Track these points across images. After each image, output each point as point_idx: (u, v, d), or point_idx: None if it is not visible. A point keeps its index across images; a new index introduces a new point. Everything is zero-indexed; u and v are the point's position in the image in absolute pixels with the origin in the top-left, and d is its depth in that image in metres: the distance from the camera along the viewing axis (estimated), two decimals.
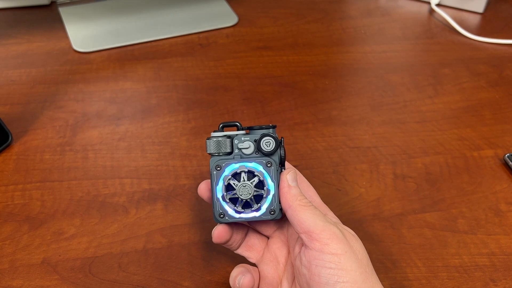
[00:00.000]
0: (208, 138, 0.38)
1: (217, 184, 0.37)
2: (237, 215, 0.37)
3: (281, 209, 0.37)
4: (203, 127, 0.56)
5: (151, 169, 0.51)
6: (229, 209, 0.37)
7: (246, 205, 0.37)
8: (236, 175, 0.37)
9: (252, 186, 0.37)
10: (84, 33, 0.70)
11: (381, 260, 0.43)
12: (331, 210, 0.41)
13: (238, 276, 0.38)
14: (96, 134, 0.55)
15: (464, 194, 0.49)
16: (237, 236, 0.39)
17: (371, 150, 0.53)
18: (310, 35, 0.72)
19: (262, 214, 0.37)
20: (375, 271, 0.35)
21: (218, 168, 0.37)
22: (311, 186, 0.42)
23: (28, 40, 0.69)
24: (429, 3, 0.78)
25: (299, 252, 0.36)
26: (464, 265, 0.43)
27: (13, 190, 0.49)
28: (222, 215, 0.37)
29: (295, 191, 0.36)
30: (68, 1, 0.76)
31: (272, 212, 0.37)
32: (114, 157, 0.52)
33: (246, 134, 0.38)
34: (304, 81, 0.63)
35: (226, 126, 0.39)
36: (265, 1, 0.79)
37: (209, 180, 0.39)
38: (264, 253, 0.40)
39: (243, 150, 0.38)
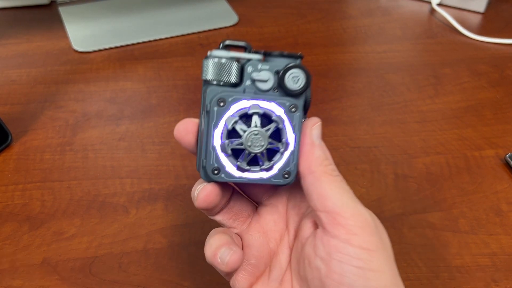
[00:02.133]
0: (207, 57, 0.28)
1: (215, 126, 0.27)
2: (237, 174, 0.28)
3: (296, 173, 0.29)
4: None
5: (151, 169, 0.51)
6: (228, 164, 0.28)
7: (253, 161, 0.28)
8: (245, 118, 0.28)
9: (267, 135, 0.28)
10: (84, 33, 0.70)
11: None
12: None
13: (222, 248, 0.29)
14: (96, 134, 0.55)
15: (465, 194, 0.49)
16: (222, 198, 0.30)
17: (371, 150, 0.53)
18: (310, 35, 0.72)
19: (273, 177, 0.28)
20: None
21: (222, 104, 0.27)
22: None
23: (28, 39, 0.69)
24: (429, 2, 0.78)
25: (312, 235, 0.28)
26: (465, 265, 0.43)
27: (13, 190, 0.49)
28: (216, 171, 0.28)
29: (320, 151, 0.28)
30: (68, 0, 0.76)
31: (286, 175, 0.28)
32: (114, 157, 0.52)
33: (261, 59, 0.28)
34: None
35: (231, 45, 0.29)
36: (265, 1, 0.79)
37: (193, 119, 0.30)
38: (252, 223, 0.32)
39: (259, 84, 0.28)
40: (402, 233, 0.45)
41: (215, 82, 0.28)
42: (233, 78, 0.27)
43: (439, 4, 0.77)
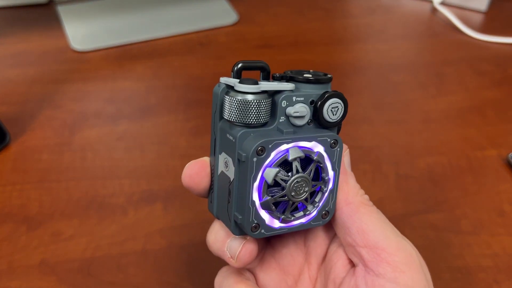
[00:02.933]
0: (229, 93, 0.23)
1: (254, 179, 0.23)
2: (277, 225, 0.25)
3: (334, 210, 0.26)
4: (203, 127, 0.56)
5: (150, 169, 0.51)
6: (268, 218, 0.24)
7: (294, 209, 0.25)
8: (284, 164, 0.24)
9: (310, 179, 0.24)
10: (82, 32, 0.70)
11: None
12: None
13: None
14: (94, 134, 0.54)
15: (467, 195, 0.48)
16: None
17: (373, 150, 0.53)
18: (311, 34, 0.71)
19: (312, 220, 0.25)
20: None
21: (261, 153, 0.22)
22: None
23: (26, 39, 0.69)
24: (431, 1, 0.77)
25: (350, 275, 0.25)
26: (467, 266, 0.42)
27: (11, 191, 0.48)
28: (256, 227, 0.24)
29: (353, 181, 0.26)
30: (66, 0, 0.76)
31: (325, 215, 0.26)
32: (112, 157, 0.52)
33: (293, 89, 0.24)
34: None
35: (247, 68, 0.25)
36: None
37: (201, 160, 0.26)
38: (265, 258, 0.29)
39: (294, 120, 0.24)
40: (404, 234, 0.45)
41: (241, 124, 0.23)
42: (265, 118, 0.23)
43: (441, 3, 0.77)
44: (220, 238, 0.26)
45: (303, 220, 0.25)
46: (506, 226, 0.46)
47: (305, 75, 0.24)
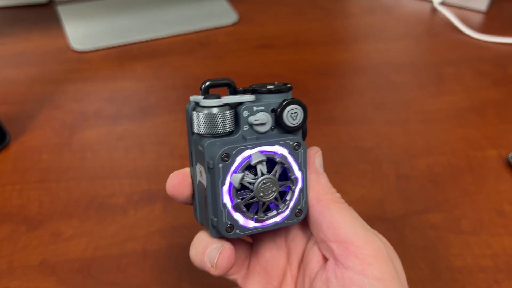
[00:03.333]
0: (196, 109, 0.26)
1: (223, 183, 0.25)
2: (252, 225, 0.27)
3: (307, 209, 0.28)
4: None
5: (150, 169, 0.51)
6: (242, 219, 0.26)
7: (267, 209, 0.27)
8: (250, 168, 0.26)
9: (276, 179, 0.26)
10: (82, 32, 0.70)
11: None
12: None
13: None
14: (94, 134, 0.54)
15: (467, 195, 0.48)
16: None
17: (373, 150, 0.53)
18: (311, 34, 0.71)
19: (285, 218, 0.27)
20: None
21: (226, 159, 0.25)
22: None
23: (26, 39, 0.69)
24: (431, 1, 0.77)
25: (322, 269, 0.27)
26: (467, 266, 0.42)
27: (11, 191, 0.48)
28: (230, 228, 0.26)
29: (325, 179, 0.27)
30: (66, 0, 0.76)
31: (298, 214, 0.27)
32: (112, 157, 0.52)
33: (254, 100, 0.27)
34: (305, 80, 0.63)
35: (214, 86, 0.27)
36: None
37: (183, 171, 0.28)
38: (251, 265, 0.30)
39: (257, 127, 0.26)
40: (404, 234, 0.45)
41: (209, 135, 0.26)
42: (228, 128, 0.26)
43: (441, 3, 0.77)
44: (200, 251, 0.28)
45: (277, 219, 0.27)
46: (506, 226, 0.46)
47: (267, 87, 0.27)
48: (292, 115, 0.26)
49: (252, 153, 0.25)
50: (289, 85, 0.27)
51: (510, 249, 0.44)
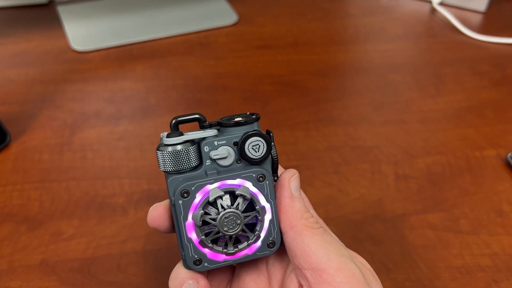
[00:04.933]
0: (160, 148, 0.26)
1: (185, 218, 0.26)
2: (221, 258, 0.27)
3: (281, 239, 0.27)
4: None
5: (150, 169, 0.51)
6: (210, 252, 0.27)
7: (235, 241, 0.27)
8: (211, 203, 0.26)
9: (239, 212, 0.26)
10: (82, 32, 0.70)
11: (383, 261, 0.43)
12: (332, 211, 0.39)
13: None
14: (94, 134, 0.54)
15: (466, 195, 0.49)
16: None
17: (372, 150, 0.53)
18: (311, 34, 0.71)
19: (257, 250, 0.27)
20: (376, 272, 0.34)
21: (186, 195, 0.25)
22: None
23: (27, 39, 0.69)
24: (430, 2, 0.77)
25: None
26: (466, 265, 0.42)
27: (11, 191, 0.48)
28: (198, 262, 0.27)
29: (299, 204, 0.26)
30: (67, 0, 0.76)
31: (271, 245, 0.27)
32: (113, 157, 0.52)
33: (216, 134, 0.27)
34: (305, 80, 0.63)
35: (182, 122, 0.27)
36: (265, 0, 0.78)
37: (162, 204, 0.28)
38: (233, 287, 0.30)
39: (220, 161, 0.26)
40: (403, 233, 0.45)
41: (174, 172, 0.26)
42: (193, 163, 0.26)
43: (440, 3, 0.77)
44: (177, 285, 0.27)
45: (248, 251, 0.27)
46: (505, 226, 0.46)
47: (234, 120, 0.27)
48: (254, 147, 0.26)
49: (210, 189, 0.26)
50: (254, 116, 0.27)
51: (509, 249, 0.44)
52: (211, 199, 0.25)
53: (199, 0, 0.76)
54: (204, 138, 0.26)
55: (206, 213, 0.26)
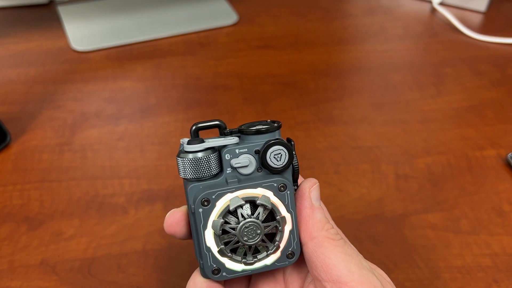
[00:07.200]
0: (180, 155, 0.26)
1: (205, 227, 0.25)
2: (240, 268, 0.26)
3: (300, 250, 0.27)
4: None
5: (150, 169, 0.51)
6: (229, 262, 0.26)
7: (254, 251, 0.27)
8: (231, 212, 0.26)
9: (260, 221, 0.25)
10: (82, 32, 0.70)
11: (383, 261, 0.43)
12: (333, 211, 0.39)
13: None
14: (95, 134, 0.54)
15: (466, 195, 0.49)
16: None
17: (373, 150, 0.53)
18: (311, 34, 0.71)
19: (277, 261, 0.26)
20: None
21: (206, 203, 0.25)
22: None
23: (27, 39, 0.69)
24: (430, 2, 0.77)
25: None
26: (466, 266, 0.42)
27: (12, 191, 0.48)
28: (216, 271, 0.26)
29: (320, 215, 0.26)
30: (67, 0, 0.76)
31: (290, 256, 0.26)
32: (113, 157, 0.52)
33: (237, 142, 0.27)
34: (305, 80, 0.63)
35: (203, 128, 0.27)
36: (266, 0, 0.78)
37: (179, 210, 0.28)
38: None
39: (240, 170, 0.26)
40: (403, 233, 0.45)
41: (194, 179, 0.26)
42: (214, 171, 0.25)
43: (440, 3, 0.77)
44: None
45: (267, 262, 0.26)
46: (505, 226, 0.46)
47: (256, 127, 0.26)
48: (276, 156, 0.26)
49: (231, 198, 0.25)
50: (276, 125, 0.27)
51: (509, 249, 0.44)
52: (231, 208, 0.25)
53: (199, 0, 0.76)
54: (225, 146, 0.26)
55: (226, 222, 0.26)
